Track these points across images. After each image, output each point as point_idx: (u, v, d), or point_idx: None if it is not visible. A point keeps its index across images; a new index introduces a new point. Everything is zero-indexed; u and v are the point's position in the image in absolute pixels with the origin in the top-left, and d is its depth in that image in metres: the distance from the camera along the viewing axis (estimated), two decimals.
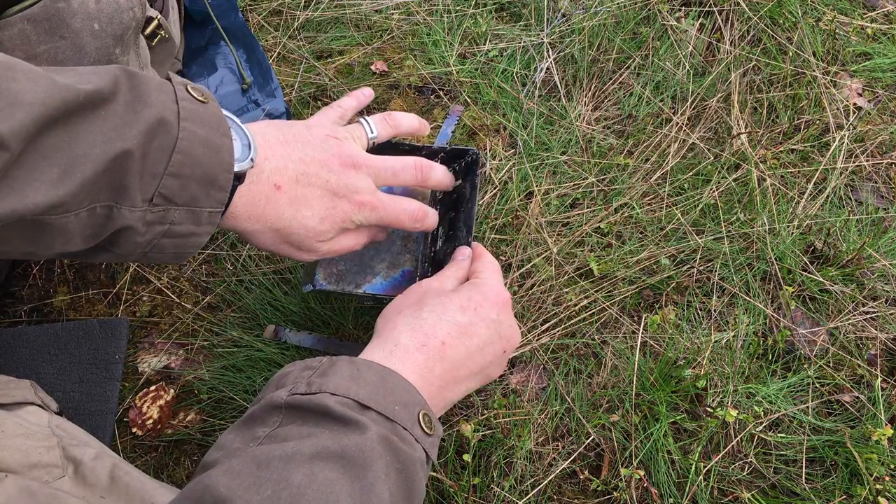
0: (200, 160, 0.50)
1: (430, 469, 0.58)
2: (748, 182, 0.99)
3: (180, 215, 0.51)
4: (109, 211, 0.48)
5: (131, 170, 0.47)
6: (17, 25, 0.73)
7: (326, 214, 0.61)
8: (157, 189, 0.49)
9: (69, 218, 0.46)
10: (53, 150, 0.43)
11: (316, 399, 0.50)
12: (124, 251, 0.52)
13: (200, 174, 0.50)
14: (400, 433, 0.51)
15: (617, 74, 1.12)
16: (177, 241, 0.53)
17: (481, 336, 0.62)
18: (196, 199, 0.51)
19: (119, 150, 0.46)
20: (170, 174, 0.49)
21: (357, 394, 0.50)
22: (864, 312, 0.88)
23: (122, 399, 0.86)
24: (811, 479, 0.77)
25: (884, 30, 1.18)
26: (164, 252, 0.53)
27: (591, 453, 0.80)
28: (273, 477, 0.44)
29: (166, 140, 0.48)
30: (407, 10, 1.21)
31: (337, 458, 0.46)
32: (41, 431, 0.64)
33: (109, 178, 0.46)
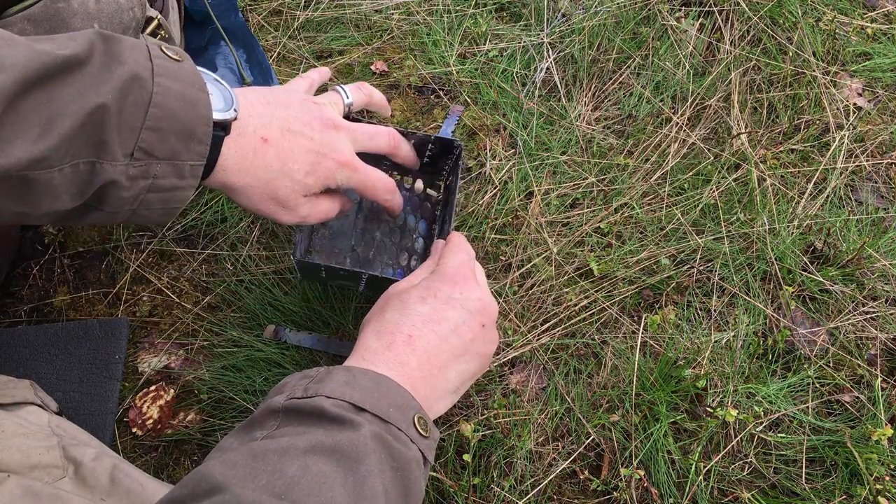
0: (177, 114, 0.51)
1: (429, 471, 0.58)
2: (748, 182, 0.99)
3: (163, 169, 0.52)
4: (92, 167, 0.49)
5: (109, 124, 0.48)
6: (17, 25, 0.73)
7: (311, 169, 0.63)
8: (137, 143, 0.50)
9: (53, 174, 0.47)
10: (33, 111, 0.45)
11: (312, 402, 0.51)
12: (113, 208, 0.53)
13: (178, 128, 0.52)
14: (394, 433, 0.52)
15: (617, 74, 1.12)
16: (162, 195, 0.54)
17: (449, 318, 0.62)
18: (177, 152, 0.52)
19: (94, 104, 0.47)
20: (147, 128, 0.50)
21: (352, 396, 0.51)
22: (864, 312, 0.88)
23: (122, 399, 0.86)
24: (811, 479, 0.77)
25: (884, 30, 1.18)
26: (152, 208, 0.55)
27: (591, 453, 0.80)
28: (268, 468, 0.45)
29: (141, 95, 0.50)
30: (407, 10, 1.21)
31: (330, 452, 0.47)
32: (41, 431, 0.64)
33: (88, 134, 0.48)
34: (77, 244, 0.97)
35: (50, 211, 0.50)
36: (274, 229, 0.98)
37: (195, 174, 0.54)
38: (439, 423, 0.81)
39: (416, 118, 1.09)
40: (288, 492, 0.44)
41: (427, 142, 0.79)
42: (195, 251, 0.97)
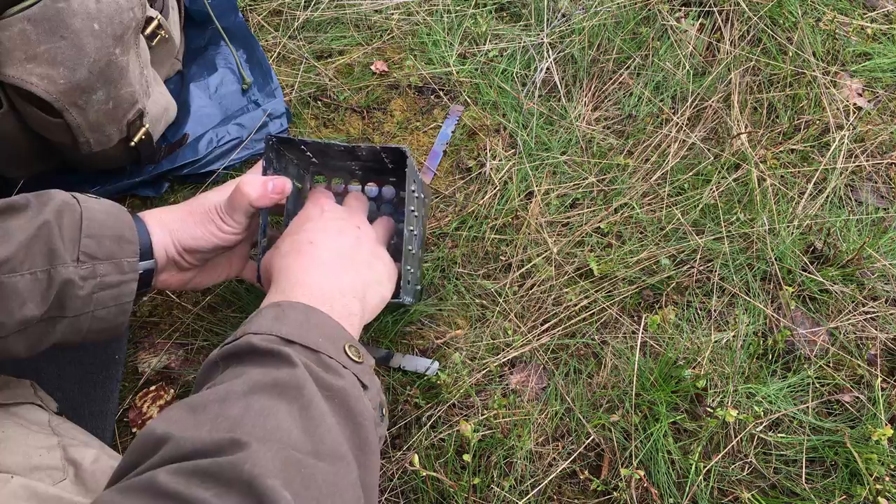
0: (105, 223, 0.64)
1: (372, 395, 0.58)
2: (748, 182, 0.99)
3: (105, 268, 0.64)
4: (48, 273, 0.60)
5: (54, 235, 0.60)
6: (17, 25, 0.73)
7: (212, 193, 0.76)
8: (80, 248, 0.62)
9: (17, 279, 0.58)
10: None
11: (241, 341, 0.54)
12: (74, 311, 0.62)
13: (109, 233, 0.64)
14: (325, 362, 0.54)
15: (617, 74, 1.12)
16: (112, 291, 0.64)
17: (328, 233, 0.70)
18: (113, 252, 0.64)
19: (40, 221, 0.60)
20: (86, 236, 0.63)
21: (280, 331, 0.54)
22: (864, 312, 0.88)
23: (122, 399, 0.86)
24: (811, 479, 0.77)
25: (884, 30, 1.18)
26: (107, 306, 0.64)
27: (591, 453, 0.80)
28: (209, 416, 0.47)
29: (73, 213, 0.63)
30: (407, 10, 1.21)
31: (271, 388, 0.49)
32: (41, 431, 0.64)
33: (40, 245, 0.60)
34: None
35: (22, 318, 0.59)
36: None
37: (133, 268, 0.66)
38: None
39: (416, 118, 1.09)
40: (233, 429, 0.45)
41: (376, 152, 0.78)
42: None
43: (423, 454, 0.79)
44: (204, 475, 0.42)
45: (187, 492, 0.41)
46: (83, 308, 0.63)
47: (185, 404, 0.49)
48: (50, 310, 0.61)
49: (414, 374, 0.86)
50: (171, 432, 0.45)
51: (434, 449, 0.80)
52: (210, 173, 1.00)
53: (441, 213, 0.99)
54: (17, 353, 0.62)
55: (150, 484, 0.42)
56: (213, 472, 0.42)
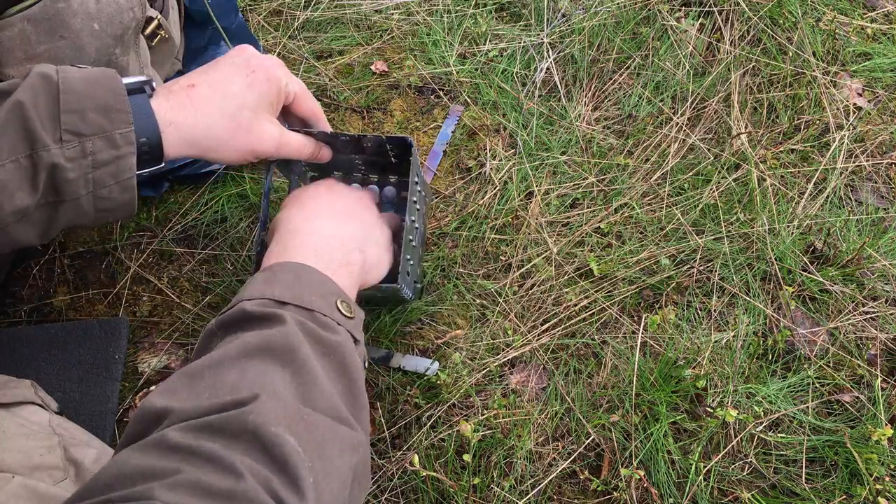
0: (86, 93, 0.57)
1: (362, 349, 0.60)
2: (748, 182, 0.99)
3: (95, 144, 0.57)
4: (30, 159, 0.55)
5: (30, 117, 0.55)
6: (18, 25, 0.73)
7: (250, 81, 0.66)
8: (62, 127, 0.56)
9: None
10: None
11: (235, 309, 0.54)
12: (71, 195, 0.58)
13: (92, 105, 0.57)
14: (319, 320, 0.54)
15: (617, 74, 1.12)
16: (109, 169, 0.58)
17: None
18: (102, 126, 0.57)
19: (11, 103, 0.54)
20: (66, 111, 0.56)
21: (272, 293, 0.54)
22: (864, 312, 0.88)
23: (123, 399, 0.86)
24: (811, 479, 0.77)
25: (884, 30, 1.18)
26: (108, 185, 0.59)
27: (591, 453, 0.80)
28: (207, 384, 0.47)
29: (50, 87, 0.56)
30: (407, 10, 1.21)
31: (264, 351, 0.50)
32: (42, 431, 0.64)
33: (14, 129, 0.55)
34: (77, 244, 0.97)
35: (15, 209, 0.56)
36: None
37: (128, 140, 0.59)
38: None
39: (416, 118, 1.09)
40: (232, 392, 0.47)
41: (382, 143, 0.78)
42: (195, 251, 0.97)
43: (423, 454, 0.79)
44: (211, 430, 0.44)
45: (196, 444, 0.42)
46: (80, 191, 0.58)
47: (183, 373, 0.49)
48: (45, 195, 0.57)
49: (414, 374, 0.85)
50: (171, 406, 0.46)
51: (434, 449, 0.80)
52: (210, 173, 1.00)
53: (441, 213, 0.99)
54: (29, 240, 0.60)
55: (160, 440, 0.43)
56: (219, 425, 0.44)
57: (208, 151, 0.65)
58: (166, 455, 0.42)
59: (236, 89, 0.65)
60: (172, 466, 0.41)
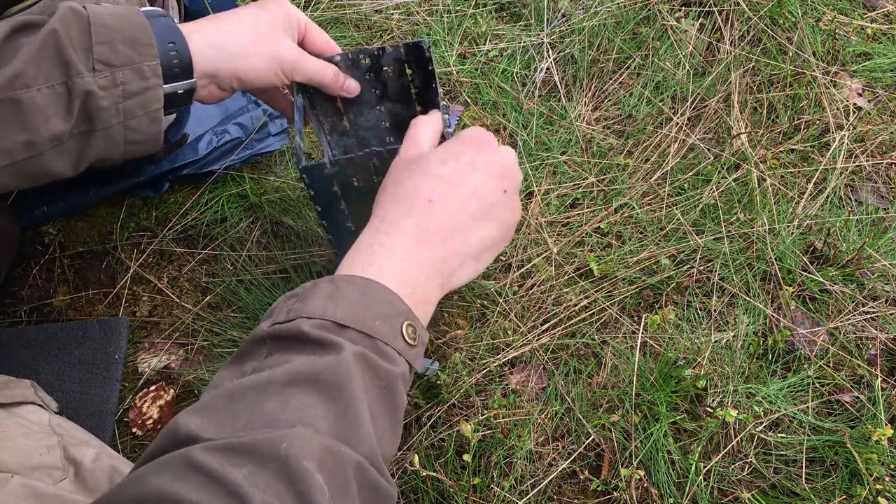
0: (116, 27, 0.61)
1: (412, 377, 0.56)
2: (748, 182, 0.99)
3: (125, 75, 0.61)
4: (65, 86, 0.59)
5: (64, 46, 0.58)
6: None
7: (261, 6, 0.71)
8: (94, 56, 0.59)
9: (33, 93, 0.58)
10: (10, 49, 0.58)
11: (292, 325, 0.50)
12: (104, 124, 0.61)
13: (122, 37, 0.61)
14: (381, 349, 0.51)
15: (617, 74, 1.12)
16: (138, 99, 0.62)
17: (471, 181, 0.60)
18: (131, 58, 0.61)
19: (46, 31, 0.58)
20: (97, 43, 0.60)
21: (334, 314, 0.50)
22: (864, 312, 0.88)
23: (122, 399, 0.86)
24: (811, 479, 0.77)
25: (884, 30, 1.18)
26: (138, 115, 0.63)
27: (591, 453, 0.80)
28: (247, 408, 0.45)
29: (81, 20, 0.60)
30: (407, 10, 1.21)
31: (311, 383, 0.47)
32: (42, 431, 0.64)
33: (49, 56, 0.58)
34: (77, 244, 0.97)
35: (51, 135, 0.59)
36: (273, 230, 0.98)
37: (156, 73, 0.62)
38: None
39: None
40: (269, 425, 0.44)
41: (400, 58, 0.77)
42: (195, 251, 0.97)
43: (423, 454, 0.79)
44: (239, 451, 0.42)
45: (221, 470, 0.40)
46: (112, 120, 0.62)
47: (225, 391, 0.47)
48: (78, 124, 0.61)
49: (414, 374, 0.86)
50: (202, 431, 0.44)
51: (434, 449, 0.80)
52: (210, 173, 1.00)
53: None
54: (63, 171, 0.62)
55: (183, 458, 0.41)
56: (249, 447, 0.42)
57: (235, 58, 0.68)
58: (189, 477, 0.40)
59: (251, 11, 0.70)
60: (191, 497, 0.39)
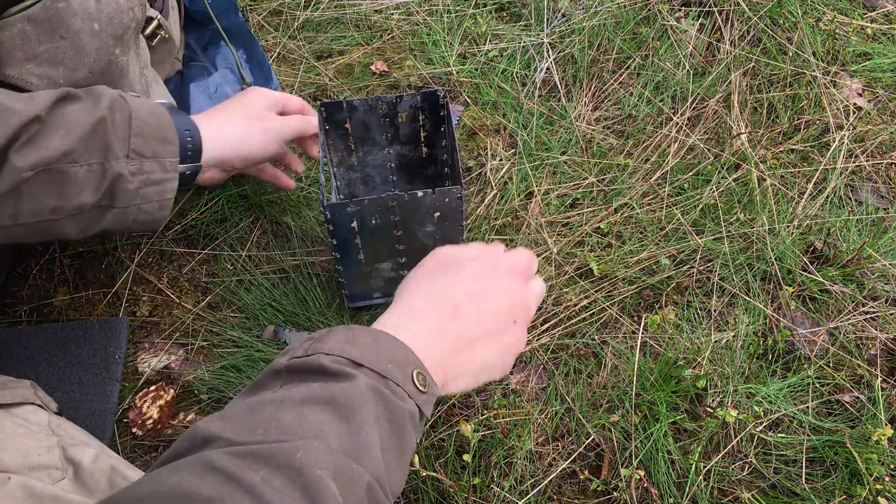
0: (151, 123, 0.70)
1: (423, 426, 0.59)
2: (748, 182, 0.99)
3: (151, 165, 0.70)
4: (102, 166, 0.67)
5: (109, 132, 0.67)
6: (18, 25, 0.73)
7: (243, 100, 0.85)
8: (130, 146, 0.69)
9: (77, 168, 0.66)
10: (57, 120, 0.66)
11: (311, 359, 0.53)
12: (122, 203, 0.70)
13: (154, 133, 0.70)
14: (391, 387, 0.54)
15: (617, 74, 1.12)
16: (156, 188, 0.71)
17: (492, 303, 0.64)
18: (158, 152, 0.71)
19: (98, 117, 0.67)
20: (135, 135, 0.69)
21: (350, 353, 0.54)
22: (864, 312, 0.88)
23: (123, 399, 0.86)
24: (811, 479, 0.77)
25: (884, 30, 1.18)
26: (151, 201, 0.71)
27: (591, 453, 0.80)
28: (264, 418, 0.47)
29: (124, 111, 0.69)
30: (407, 10, 1.21)
31: (326, 402, 0.50)
32: (41, 432, 0.64)
33: (97, 139, 0.66)
34: (77, 244, 0.97)
35: (78, 205, 0.67)
36: (273, 230, 0.98)
37: (175, 168, 0.72)
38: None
39: None
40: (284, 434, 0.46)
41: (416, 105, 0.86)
42: (195, 251, 0.97)
43: (423, 454, 0.79)
44: (255, 456, 0.44)
45: (238, 472, 0.42)
46: (131, 200, 0.70)
47: (244, 403, 0.50)
48: (102, 199, 0.68)
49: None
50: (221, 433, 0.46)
51: (434, 449, 0.80)
52: None
53: None
54: (70, 234, 0.70)
55: (201, 459, 0.43)
56: (265, 454, 0.44)
57: (240, 143, 0.81)
58: (207, 477, 0.42)
59: (239, 101, 0.84)
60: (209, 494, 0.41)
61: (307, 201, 1.00)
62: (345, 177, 0.95)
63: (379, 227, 0.78)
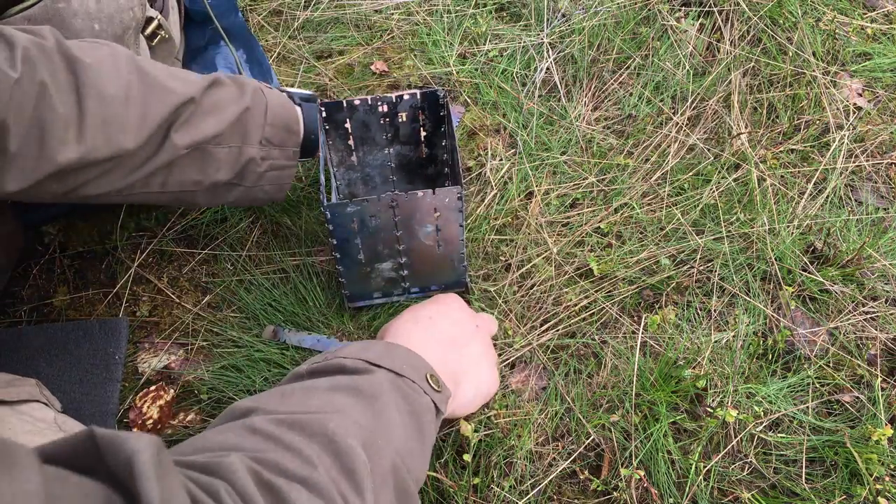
0: (281, 114, 0.78)
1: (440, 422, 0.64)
2: (748, 182, 0.99)
3: (277, 152, 0.79)
4: (240, 149, 0.76)
5: (249, 121, 0.75)
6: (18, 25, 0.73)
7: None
8: (263, 133, 0.77)
9: (220, 150, 0.74)
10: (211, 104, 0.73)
11: (331, 361, 0.60)
12: (248, 182, 0.78)
13: (283, 124, 0.78)
14: (407, 384, 0.60)
15: (617, 74, 1.12)
16: (278, 172, 0.80)
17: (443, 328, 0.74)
18: (284, 140, 0.79)
19: (244, 105, 0.75)
20: (268, 124, 0.77)
21: (367, 356, 0.60)
22: (864, 312, 0.88)
23: (123, 399, 0.86)
24: (811, 479, 0.77)
25: (884, 30, 1.18)
26: (272, 183, 0.80)
27: (591, 453, 0.80)
28: (294, 401, 0.53)
29: (262, 102, 0.77)
30: (407, 10, 1.21)
31: (350, 389, 0.55)
32: (48, 428, 0.64)
33: (239, 125, 0.75)
34: (77, 244, 0.97)
35: (214, 181, 0.75)
36: (273, 230, 0.98)
37: (296, 156, 0.81)
38: None
39: None
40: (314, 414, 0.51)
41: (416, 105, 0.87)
42: (195, 251, 0.97)
43: None
44: (291, 424, 0.48)
45: (279, 432, 0.47)
46: (257, 181, 0.79)
47: (276, 389, 0.56)
48: (234, 178, 0.77)
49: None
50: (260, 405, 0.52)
51: (434, 449, 0.80)
52: None
53: None
54: (200, 204, 0.80)
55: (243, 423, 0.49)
56: (301, 423, 0.49)
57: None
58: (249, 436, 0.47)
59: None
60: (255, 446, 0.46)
61: (307, 201, 1.00)
62: (345, 177, 0.95)
63: (379, 227, 0.78)
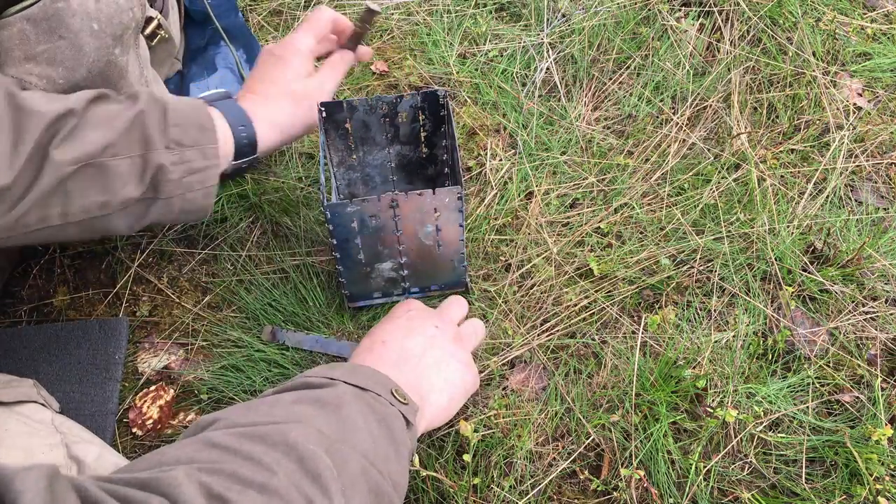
0: (187, 113, 0.71)
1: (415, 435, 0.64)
2: (748, 182, 0.99)
3: (192, 154, 0.71)
4: (143, 158, 0.68)
5: (148, 124, 0.68)
6: (17, 25, 0.73)
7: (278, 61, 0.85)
8: (169, 136, 0.69)
9: (120, 161, 0.67)
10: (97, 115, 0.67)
11: (296, 380, 0.61)
12: (166, 194, 0.70)
13: (192, 122, 0.71)
14: (373, 396, 0.60)
15: (617, 74, 1.12)
16: (199, 176, 0.71)
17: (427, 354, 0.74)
18: (198, 140, 0.71)
19: (137, 110, 0.68)
20: (173, 125, 0.69)
21: (331, 374, 0.61)
22: (864, 312, 0.88)
23: (123, 399, 0.86)
24: (811, 479, 0.77)
25: (884, 30, 1.18)
26: (194, 190, 0.72)
27: (591, 453, 0.80)
28: (257, 413, 0.54)
29: (160, 106, 0.70)
30: (407, 10, 1.21)
31: (314, 401, 0.56)
32: (45, 429, 0.64)
33: (136, 131, 0.68)
34: (77, 244, 0.97)
35: (124, 198, 0.68)
36: (273, 230, 0.98)
37: (216, 154, 0.72)
38: None
39: None
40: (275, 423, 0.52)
41: (416, 105, 0.87)
42: (195, 251, 0.97)
43: (423, 454, 0.79)
44: (251, 436, 0.49)
45: (237, 444, 0.47)
46: (174, 191, 0.71)
47: (241, 404, 0.57)
48: (146, 192, 0.70)
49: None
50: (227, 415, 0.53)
51: (434, 449, 0.80)
52: None
53: None
54: (120, 229, 0.72)
55: (203, 437, 0.49)
56: (261, 434, 0.49)
57: (290, 129, 0.81)
58: (207, 449, 0.47)
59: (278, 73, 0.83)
60: (212, 458, 0.46)
61: (307, 201, 1.00)
62: (345, 177, 0.95)
63: (379, 227, 0.78)
